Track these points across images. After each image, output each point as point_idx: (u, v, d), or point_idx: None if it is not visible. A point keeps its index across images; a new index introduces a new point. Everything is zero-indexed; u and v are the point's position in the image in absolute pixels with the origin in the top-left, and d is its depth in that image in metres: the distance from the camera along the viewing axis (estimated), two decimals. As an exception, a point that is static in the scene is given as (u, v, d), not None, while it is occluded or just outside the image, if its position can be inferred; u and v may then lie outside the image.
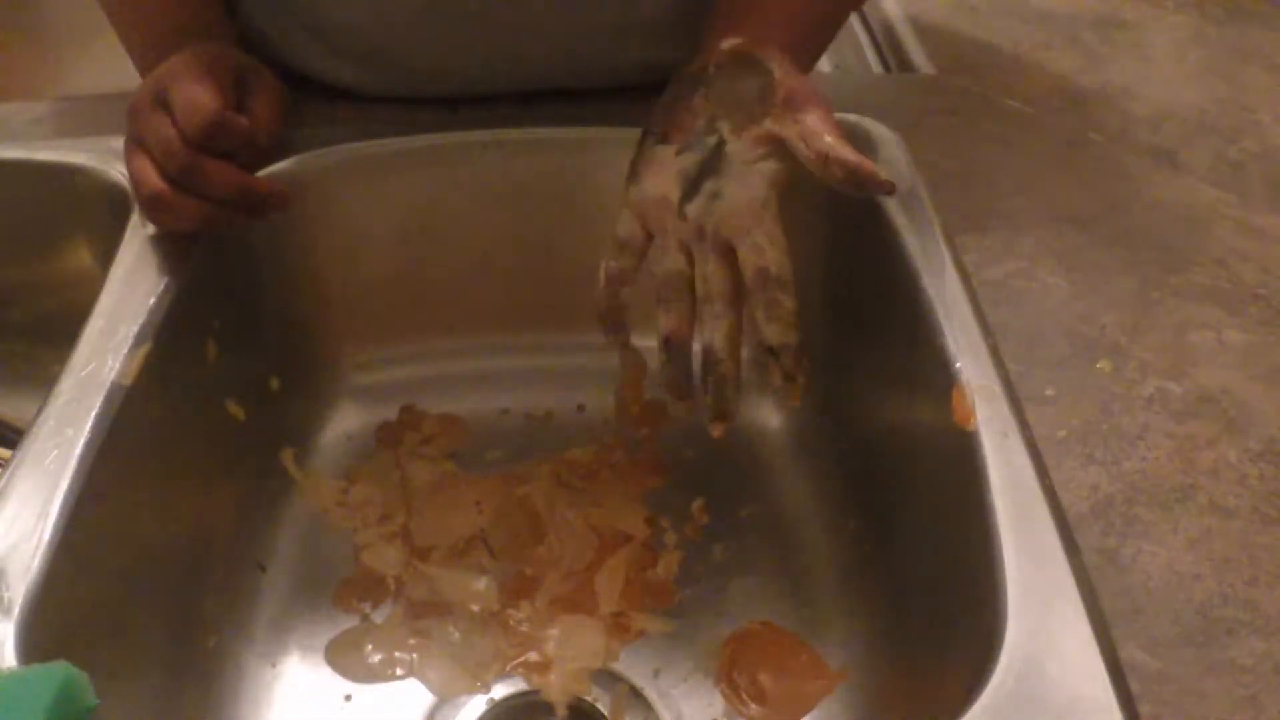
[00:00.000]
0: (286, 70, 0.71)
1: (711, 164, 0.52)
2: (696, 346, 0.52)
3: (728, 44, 0.54)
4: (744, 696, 0.56)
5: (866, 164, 0.48)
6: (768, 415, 0.69)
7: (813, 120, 0.50)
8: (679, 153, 0.53)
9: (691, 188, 0.52)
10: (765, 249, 0.49)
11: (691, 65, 0.55)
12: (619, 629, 0.58)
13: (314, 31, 0.69)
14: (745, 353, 0.52)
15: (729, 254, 0.50)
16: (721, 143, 0.52)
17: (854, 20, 0.96)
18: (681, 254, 0.52)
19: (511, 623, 0.59)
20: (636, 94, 0.67)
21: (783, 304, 0.49)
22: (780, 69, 0.52)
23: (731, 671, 0.56)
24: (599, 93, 0.71)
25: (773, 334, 0.49)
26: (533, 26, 0.68)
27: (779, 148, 0.51)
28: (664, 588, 0.61)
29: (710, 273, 0.50)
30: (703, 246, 0.51)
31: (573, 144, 0.68)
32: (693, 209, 0.51)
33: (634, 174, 0.55)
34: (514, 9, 0.66)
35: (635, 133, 0.57)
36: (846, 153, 0.49)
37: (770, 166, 0.51)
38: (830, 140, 0.49)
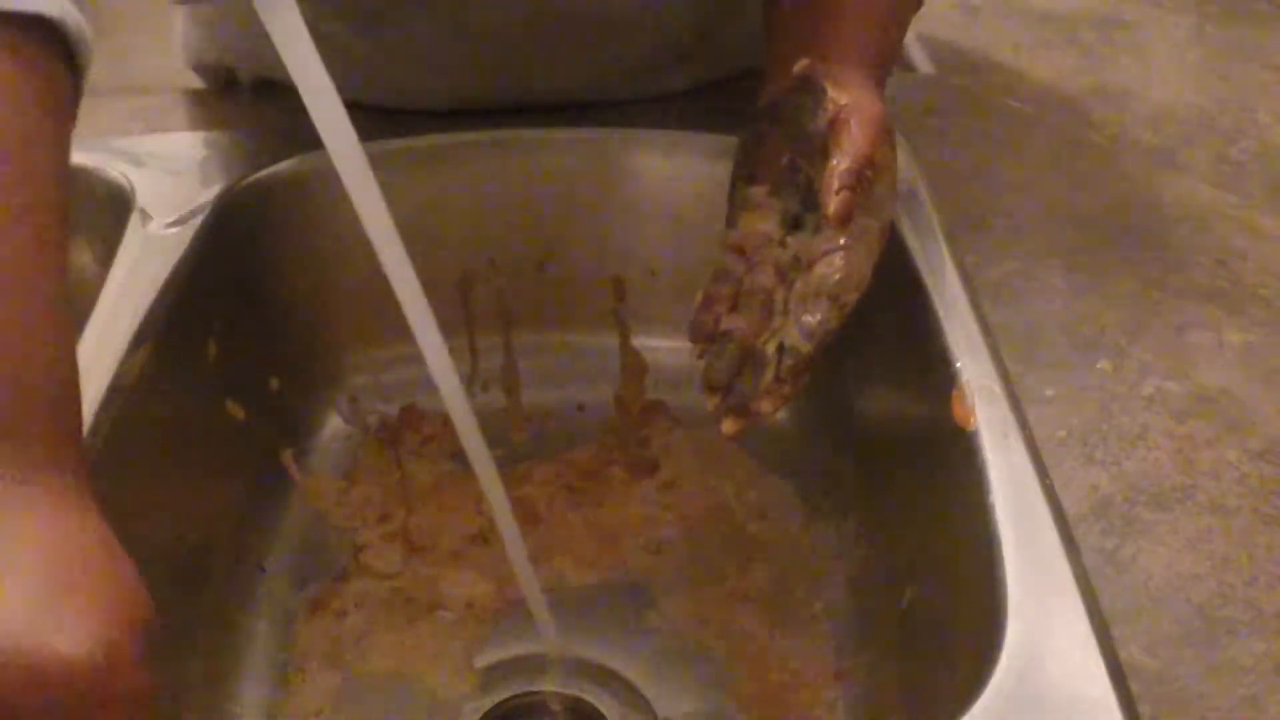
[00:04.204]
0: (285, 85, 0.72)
1: (808, 202, 0.51)
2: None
3: (798, 68, 0.52)
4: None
5: (837, 199, 0.47)
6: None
7: (845, 138, 0.48)
8: (770, 194, 0.53)
9: (794, 224, 0.52)
10: (840, 267, 0.48)
11: (763, 97, 0.54)
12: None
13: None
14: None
15: None
16: (810, 181, 0.51)
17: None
18: (774, 274, 0.51)
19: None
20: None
21: (822, 313, 0.48)
22: (834, 87, 0.50)
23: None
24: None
25: (797, 332, 0.48)
26: (549, 62, 0.68)
27: None
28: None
29: (797, 283, 0.50)
30: (797, 269, 0.51)
31: (573, 144, 0.68)
32: (795, 240, 0.52)
33: (730, 219, 0.54)
34: (532, 47, 0.67)
35: (636, 133, 0.57)
36: (840, 178, 0.47)
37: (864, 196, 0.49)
38: (840, 161, 0.48)
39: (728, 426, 0.51)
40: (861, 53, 0.54)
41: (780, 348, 0.49)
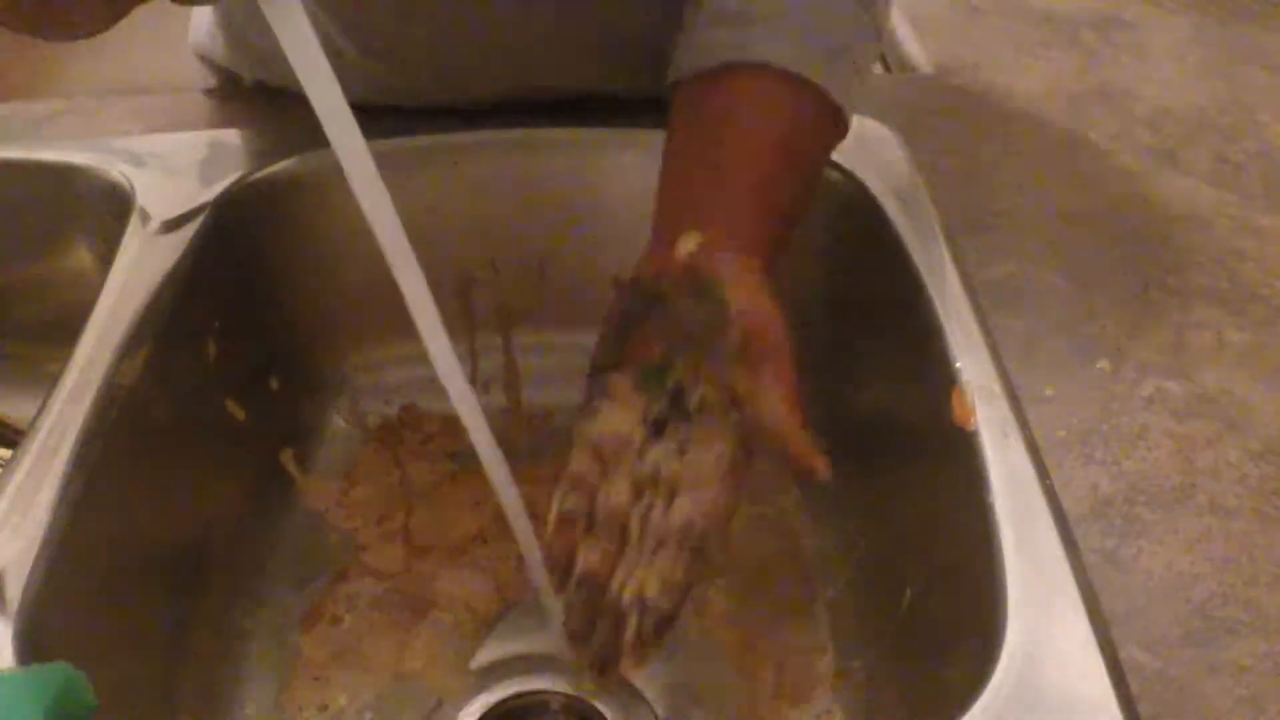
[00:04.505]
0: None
1: (675, 410, 0.47)
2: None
3: (684, 248, 0.48)
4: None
5: (805, 452, 0.44)
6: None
7: (766, 376, 0.44)
8: (637, 386, 0.48)
9: (655, 432, 0.47)
10: (704, 508, 0.44)
11: (641, 275, 0.49)
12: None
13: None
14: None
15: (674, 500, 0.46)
16: (681, 388, 0.47)
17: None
18: (630, 490, 0.46)
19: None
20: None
21: (684, 567, 0.44)
22: (738, 294, 0.45)
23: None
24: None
25: (655, 588, 0.44)
26: (551, 64, 0.68)
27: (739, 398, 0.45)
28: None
29: (654, 515, 0.45)
30: (653, 490, 0.46)
31: (573, 144, 0.68)
32: (654, 455, 0.46)
33: (588, 409, 0.48)
34: (534, 50, 0.67)
35: (636, 134, 0.57)
36: (789, 428, 0.44)
37: (736, 419, 0.45)
38: (776, 412, 0.44)
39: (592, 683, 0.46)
40: (754, 238, 0.49)
41: (640, 601, 0.44)
